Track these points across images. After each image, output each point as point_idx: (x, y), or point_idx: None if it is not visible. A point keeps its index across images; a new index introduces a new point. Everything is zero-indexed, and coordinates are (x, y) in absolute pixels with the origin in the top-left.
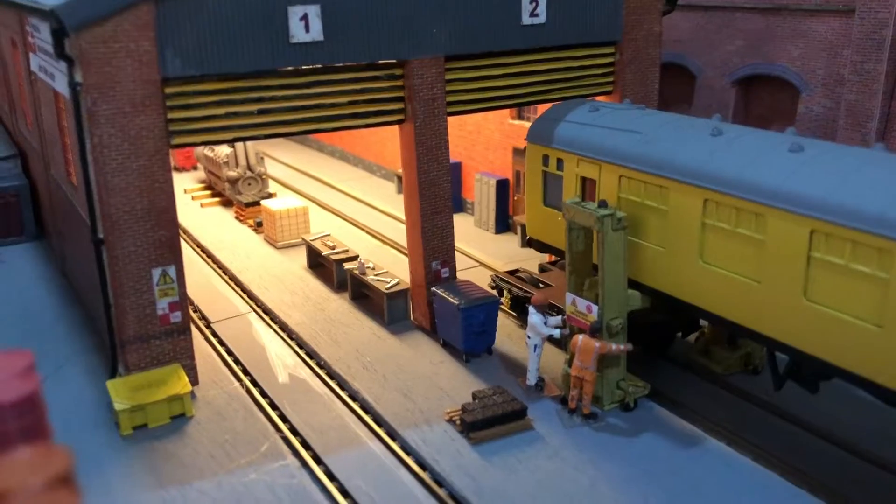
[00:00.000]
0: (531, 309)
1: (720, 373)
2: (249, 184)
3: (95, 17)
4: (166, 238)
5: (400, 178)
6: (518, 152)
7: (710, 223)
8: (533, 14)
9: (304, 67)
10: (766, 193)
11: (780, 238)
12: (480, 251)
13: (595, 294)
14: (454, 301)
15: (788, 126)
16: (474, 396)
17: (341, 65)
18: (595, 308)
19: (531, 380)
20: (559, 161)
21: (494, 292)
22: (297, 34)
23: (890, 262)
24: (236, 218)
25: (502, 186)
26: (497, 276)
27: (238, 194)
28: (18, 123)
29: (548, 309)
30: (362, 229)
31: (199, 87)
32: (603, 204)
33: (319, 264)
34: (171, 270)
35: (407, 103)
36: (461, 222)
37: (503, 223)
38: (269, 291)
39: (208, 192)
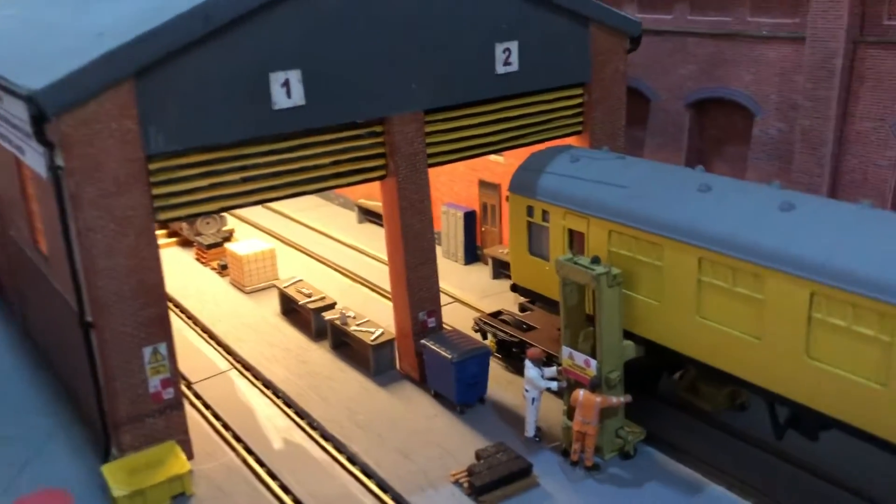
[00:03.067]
0: (528, 363)
1: (710, 410)
2: (208, 222)
3: (76, 101)
4: (156, 315)
5: (361, 208)
6: (484, 185)
7: (707, 280)
8: (506, 63)
9: (286, 132)
10: (763, 255)
11: (779, 299)
12: (453, 285)
13: (590, 345)
14: (447, 355)
15: (744, 146)
16: (478, 456)
17: (323, 126)
18: (594, 362)
19: (530, 432)
20: (545, 213)
21: (479, 336)
22: (279, 100)
23: (892, 326)
24: (197, 260)
25: (470, 218)
26: (481, 320)
27: (197, 235)
28: None
29: (545, 361)
30: (330, 266)
31: (183, 161)
32: (596, 260)
33: (293, 310)
34: (162, 347)
35: (388, 159)
36: None
37: (472, 254)
38: (246, 343)
39: (164, 232)
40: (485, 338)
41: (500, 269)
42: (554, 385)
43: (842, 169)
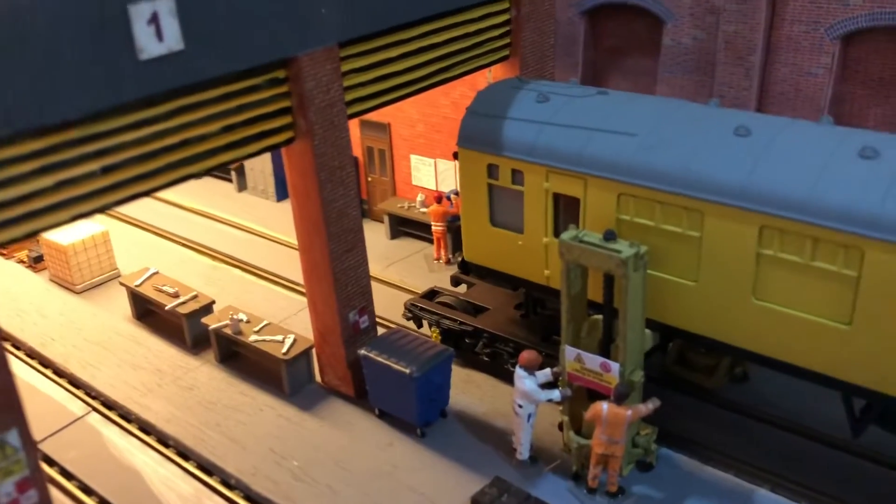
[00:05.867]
0: (520, 371)
1: (712, 387)
2: None
3: None
4: None
5: None
6: (368, 125)
7: (770, 254)
8: None
9: (160, 92)
10: (857, 222)
11: (885, 277)
12: None
13: (597, 340)
14: (403, 369)
15: (650, 59)
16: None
17: (210, 79)
18: (614, 366)
19: (524, 454)
20: (516, 173)
21: (412, 324)
22: (147, 46)
23: None
24: None
25: None
26: (414, 305)
27: None
28: None
29: (538, 368)
30: (175, 241)
31: (12, 153)
32: (610, 236)
33: (150, 311)
34: (13, 437)
35: (297, 116)
36: None
37: None
38: (101, 370)
39: None
40: (419, 326)
41: (399, 228)
42: (557, 395)
43: (771, 79)
